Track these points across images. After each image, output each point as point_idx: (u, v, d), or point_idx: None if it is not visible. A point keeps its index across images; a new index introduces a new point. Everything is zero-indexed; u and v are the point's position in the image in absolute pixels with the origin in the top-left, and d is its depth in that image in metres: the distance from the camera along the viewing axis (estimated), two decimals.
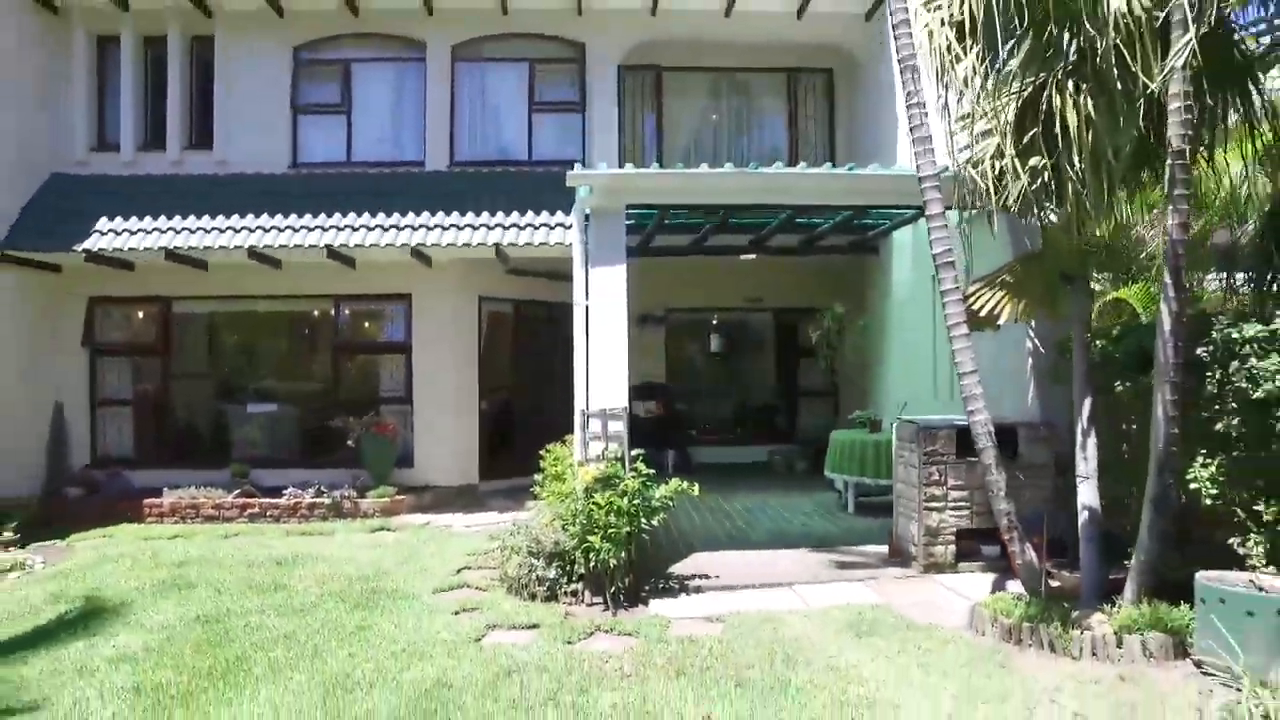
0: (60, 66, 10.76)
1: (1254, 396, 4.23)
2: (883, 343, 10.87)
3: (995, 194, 5.06)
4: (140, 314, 11.10)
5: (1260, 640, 3.83)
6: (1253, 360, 4.25)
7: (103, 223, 10.01)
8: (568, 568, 6.10)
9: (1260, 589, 3.99)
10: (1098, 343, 5.63)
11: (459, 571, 7.03)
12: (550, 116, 11.31)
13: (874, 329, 10.94)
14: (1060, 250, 5.59)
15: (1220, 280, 6.10)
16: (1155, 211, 7.28)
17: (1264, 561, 4.25)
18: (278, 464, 10.59)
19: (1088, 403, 5.42)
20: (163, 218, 10.07)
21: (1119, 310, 7.19)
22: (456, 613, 5.81)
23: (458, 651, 4.98)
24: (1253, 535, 4.32)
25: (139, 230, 9.94)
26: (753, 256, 11.01)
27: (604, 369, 6.78)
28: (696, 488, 6.22)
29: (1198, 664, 4.18)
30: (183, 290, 10.83)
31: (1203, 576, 4.18)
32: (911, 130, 5.38)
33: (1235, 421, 4.39)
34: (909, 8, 5.30)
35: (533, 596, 6.09)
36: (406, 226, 9.87)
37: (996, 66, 4.76)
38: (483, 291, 11.13)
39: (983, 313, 5.85)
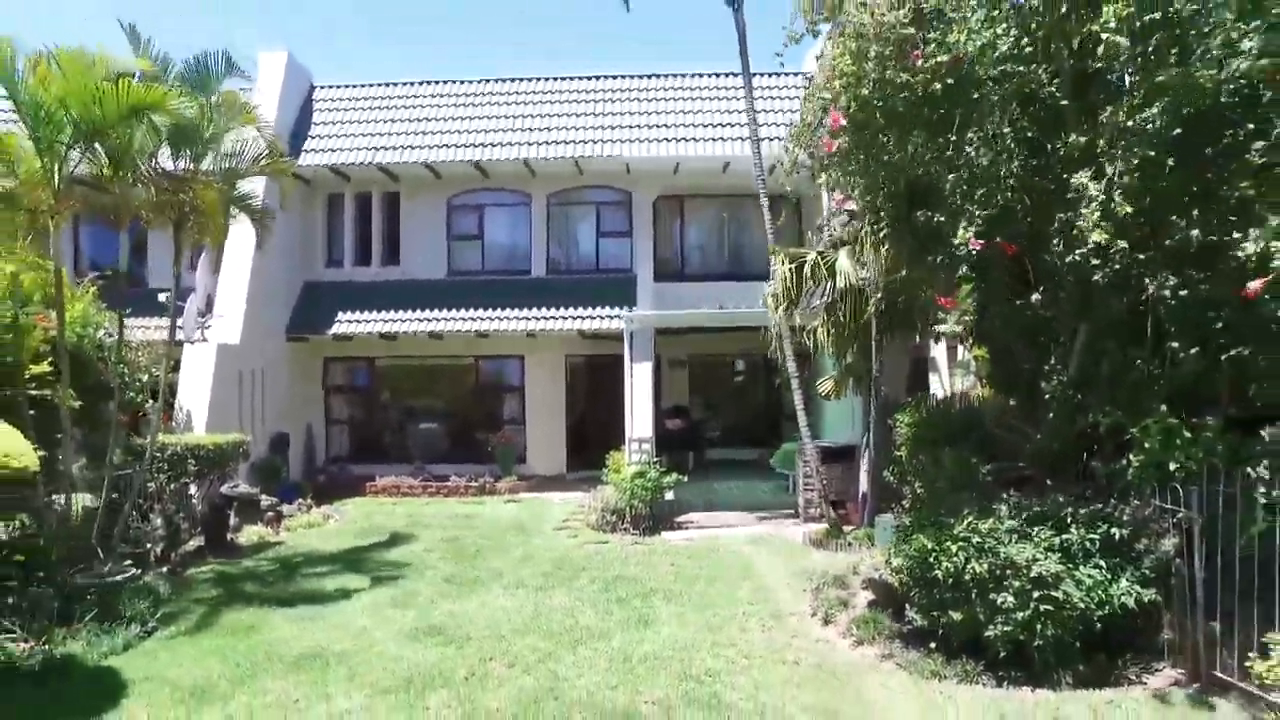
0: (309, 214, 17.41)
1: (899, 442, 10.16)
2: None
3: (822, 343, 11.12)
4: (355, 367, 17.74)
5: (889, 538, 9.79)
6: (899, 429, 10.18)
7: (339, 315, 16.59)
8: (622, 516, 12.28)
9: (896, 518, 9.93)
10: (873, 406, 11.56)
11: (563, 520, 13.24)
12: (610, 239, 17.53)
13: (819, 377, 16.86)
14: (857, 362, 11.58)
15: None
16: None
17: (904, 509, 10.20)
18: (440, 461, 17.00)
19: (869, 434, 11.41)
20: (372, 311, 16.61)
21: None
22: (567, 537, 12.03)
23: (572, 548, 11.20)
24: (906, 500, 10.26)
25: (361, 320, 16.50)
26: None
27: (640, 414, 12.99)
28: (687, 477, 12.37)
29: (875, 547, 10.15)
30: (380, 352, 17.38)
31: (879, 517, 10.16)
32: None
33: (899, 452, 10.31)
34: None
35: (603, 530, 12.28)
36: (522, 317, 16.22)
37: (805, 298, 10.75)
38: (567, 352, 17.41)
39: (824, 392, 11.88)
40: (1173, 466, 5.86)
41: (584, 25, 48.34)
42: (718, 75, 17.71)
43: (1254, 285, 5.03)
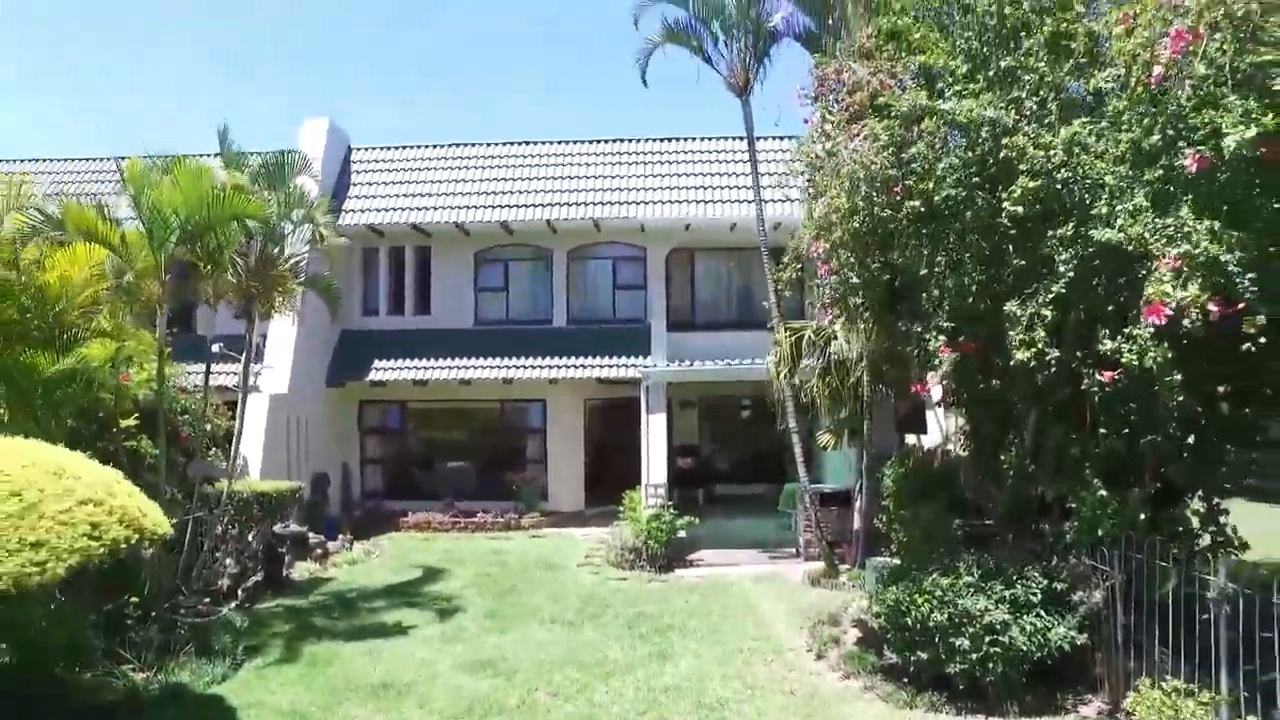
0: (346, 266, 18.84)
1: (884, 494, 11.44)
2: None
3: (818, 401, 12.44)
4: (388, 410, 19.12)
5: (876, 581, 11.04)
6: (885, 480, 11.46)
7: (375, 362, 17.99)
8: (639, 554, 13.55)
9: (885, 561, 11.19)
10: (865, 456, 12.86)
11: (585, 556, 14.49)
12: (626, 292, 18.93)
13: (819, 426, 18.14)
14: (851, 417, 12.88)
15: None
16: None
17: (892, 554, 11.45)
18: (468, 497, 18.29)
19: (862, 482, 12.68)
20: (406, 358, 18.00)
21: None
22: (590, 573, 13.29)
23: (595, 585, 12.46)
24: (894, 545, 11.52)
25: (396, 367, 17.89)
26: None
27: (655, 461, 14.30)
28: (698, 519, 13.66)
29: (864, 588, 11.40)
30: (412, 396, 18.75)
31: (870, 559, 11.41)
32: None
33: (886, 501, 11.59)
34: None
35: (622, 567, 13.53)
36: (544, 366, 17.59)
37: (805, 359, 12.08)
38: (586, 395, 18.76)
39: (822, 444, 13.19)
40: (1100, 532, 7.16)
41: (583, 44, 50.13)
42: (725, 139, 19.14)
43: (1108, 374, 6.45)
